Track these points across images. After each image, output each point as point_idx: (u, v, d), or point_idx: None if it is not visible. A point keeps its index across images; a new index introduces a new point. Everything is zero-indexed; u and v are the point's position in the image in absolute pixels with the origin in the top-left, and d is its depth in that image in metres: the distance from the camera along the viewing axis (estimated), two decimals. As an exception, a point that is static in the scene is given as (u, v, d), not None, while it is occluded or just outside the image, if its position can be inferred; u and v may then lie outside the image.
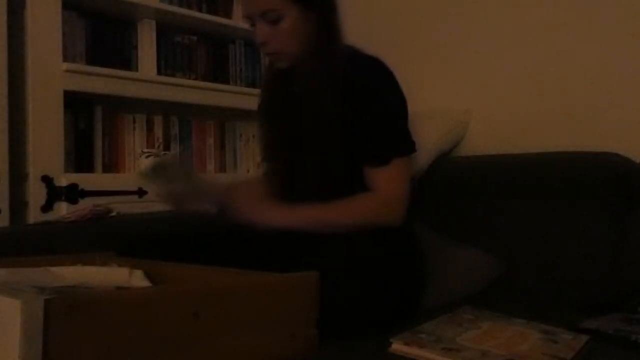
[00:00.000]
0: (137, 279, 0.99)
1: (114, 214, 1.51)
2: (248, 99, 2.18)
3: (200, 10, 2.20)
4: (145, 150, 2.04)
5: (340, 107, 1.18)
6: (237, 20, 2.31)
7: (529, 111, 1.72)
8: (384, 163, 1.20)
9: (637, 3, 1.53)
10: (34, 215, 1.69)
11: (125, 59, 2.02)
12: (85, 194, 1.77)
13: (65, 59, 1.79)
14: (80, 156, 1.88)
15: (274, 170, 1.36)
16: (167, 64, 2.12)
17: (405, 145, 1.24)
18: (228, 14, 2.31)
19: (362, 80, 1.20)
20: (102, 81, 1.86)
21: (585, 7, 1.62)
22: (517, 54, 1.75)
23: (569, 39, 1.65)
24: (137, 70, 2.04)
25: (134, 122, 2.05)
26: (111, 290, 0.83)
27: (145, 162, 1.21)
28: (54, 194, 1.73)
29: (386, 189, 1.19)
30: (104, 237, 1.34)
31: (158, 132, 2.12)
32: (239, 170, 2.31)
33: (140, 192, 1.90)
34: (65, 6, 1.79)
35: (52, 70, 1.74)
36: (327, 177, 1.21)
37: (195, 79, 2.19)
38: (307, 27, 1.20)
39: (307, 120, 1.23)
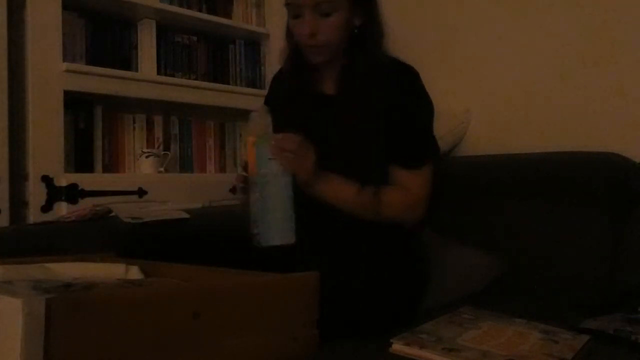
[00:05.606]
0: (134, 275, 0.99)
1: (114, 214, 1.51)
2: (248, 99, 2.18)
3: (200, 10, 2.20)
4: (145, 150, 2.06)
5: (379, 110, 1.18)
6: (237, 21, 2.31)
7: (529, 111, 1.72)
8: (417, 166, 1.21)
9: (636, 4, 1.53)
10: (34, 215, 1.69)
11: (125, 59, 2.02)
12: (85, 194, 1.77)
13: (65, 59, 1.79)
14: (80, 156, 1.88)
15: None
16: (167, 64, 2.12)
17: (435, 149, 1.28)
18: (228, 14, 2.31)
19: (400, 81, 1.22)
20: (102, 81, 1.86)
21: (586, 7, 1.62)
22: (518, 54, 1.75)
23: (569, 39, 1.65)
24: (137, 70, 2.04)
25: (134, 122, 2.06)
26: (112, 289, 0.83)
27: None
28: (54, 194, 1.72)
29: (417, 190, 1.21)
30: (104, 237, 1.34)
31: (158, 132, 2.12)
32: (239, 171, 2.30)
33: (140, 192, 1.90)
34: (65, 6, 1.79)
35: (52, 70, 1.74)
36: (358, 175, 1.18)
37: (195, 79, 2.19)
38: (353, 24, 1.22)
39: (344, 123, 1.20)
